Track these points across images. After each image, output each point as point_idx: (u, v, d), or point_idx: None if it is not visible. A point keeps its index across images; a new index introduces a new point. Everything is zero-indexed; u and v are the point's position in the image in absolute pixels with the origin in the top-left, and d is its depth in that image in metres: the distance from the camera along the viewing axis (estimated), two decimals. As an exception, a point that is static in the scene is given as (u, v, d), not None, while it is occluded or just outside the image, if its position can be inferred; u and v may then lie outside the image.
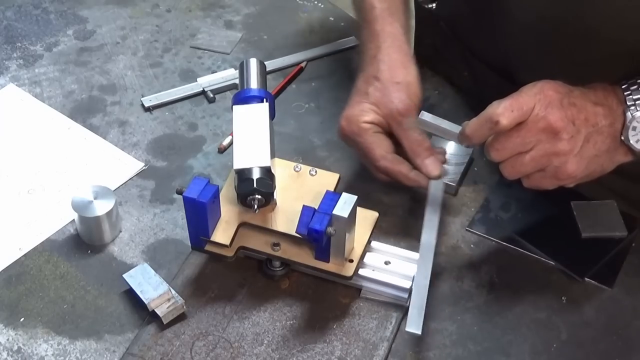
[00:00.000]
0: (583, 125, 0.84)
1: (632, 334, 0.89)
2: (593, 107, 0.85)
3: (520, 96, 0.84)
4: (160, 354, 0.86)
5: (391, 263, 0.91)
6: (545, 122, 0.83)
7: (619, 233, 0.95)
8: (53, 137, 1.08)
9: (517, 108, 0.83)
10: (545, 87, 0.84)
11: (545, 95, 0.83)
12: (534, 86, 0.84)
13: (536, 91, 0.83)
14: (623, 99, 0.85)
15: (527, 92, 0.84)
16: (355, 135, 0.95)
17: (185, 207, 0.86)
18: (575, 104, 0.84)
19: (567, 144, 0.83)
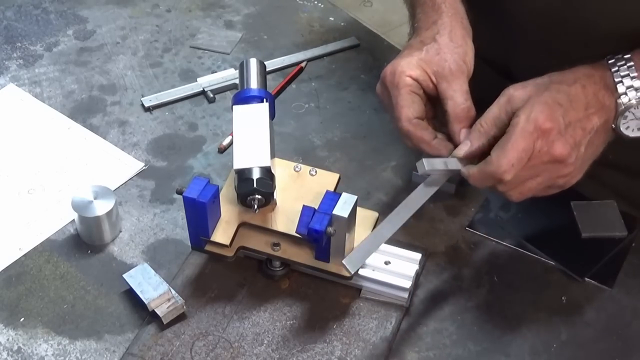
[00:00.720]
0: (582, 138, 0.83)
1: (632, 334, 0.89)
2: (586, 113, 0.83)
3: (517, 142, 0.81)
4: (160, 354, 0.86)
5: (391, 263, 0.90)
6: (549, 156, 0.82)
7: (619, 233, 0.95)
8: (53, 137, 1.08)
9: (518, 159, 0.81)
10: (539, 121, 0.81)
11: (543, 130, 0.81)
12: (527, 122, 0.81)
13: (531, 130, 0.81)
14: (613, 86, 0.84)
15: (522, 135, 0.81)
16: (394, 86, 0.91)
17: (185, 207, 0.86)
18: (571, 123, 0.83)
19: (572, 165, 0.83)
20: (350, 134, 1.09)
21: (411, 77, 0.91)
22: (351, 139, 1.08)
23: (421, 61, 0.91)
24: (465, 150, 0.87)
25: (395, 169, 1.04)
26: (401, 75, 0.91)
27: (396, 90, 0.91)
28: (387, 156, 1.06)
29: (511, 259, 0.95)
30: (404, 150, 1.06)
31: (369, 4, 1.94)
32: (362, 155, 1.06)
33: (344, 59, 1.20)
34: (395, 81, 0.91)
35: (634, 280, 0.93)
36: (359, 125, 1.10)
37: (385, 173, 1.04)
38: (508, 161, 0.81)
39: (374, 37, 1.23)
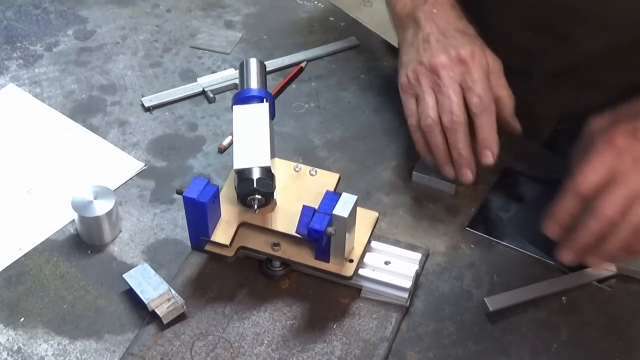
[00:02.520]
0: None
1: (632, 334, 0.89)
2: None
3: (591, 158, 0.82)
4: (160, 354, 0.86)
5: (391, 263, 0.90)
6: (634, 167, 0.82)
7: (619, 233, 0.95)
8: (53, 137, 1.08)
9: (593, 171, 0.82)
10: (614, 140, 0.82)
11: (617, 147, 0.82)
12: (602, 142, 0.82)
13: (605, 147, 0.82)
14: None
15: (597, 152, 0.82)
16: (464, 72, 0.91)
17: (185, 207, 0.86)
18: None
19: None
20: (350, 134, 1.09)
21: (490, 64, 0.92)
22: (351, 139, 1.08)
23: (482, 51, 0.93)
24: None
25: (395, 169, 1.04)
26: (484, 58, 0.91)
27: (470, 73, 0.92)
28: (387, 156, 1.06)
29: (511, 259, 0.95)
30: (404, 150, 1.06)
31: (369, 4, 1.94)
32: (362, 155, 1.06)
33: (344, 59, 1.20)
34: (477, 66, 0.91)
35: (634, 281, 0.93)
36: (359, 125, 1.10)
37: (385, 173, 1.04)
38: (583, 174, 0.82)
39: (374, 37, 1.23)
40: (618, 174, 0.81)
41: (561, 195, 0.84)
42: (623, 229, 0.81)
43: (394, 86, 1.15)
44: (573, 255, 0.84)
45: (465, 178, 0.94)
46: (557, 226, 0.85)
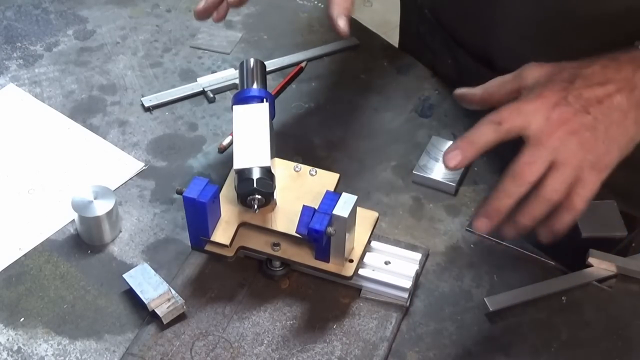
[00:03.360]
0: (594, 107, 0.79)
1: (632, 334, 0.89)
2: (602, 87, 0.80)
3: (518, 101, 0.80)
4: (160, 354, 0.86)
5: (391, 263, 0.90)
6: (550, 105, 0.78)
7: (619, 233, 0.95)
8: (53, 137, 1.08)
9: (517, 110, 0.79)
10: (542, 94, 0.79)
11: (544, 96, 0.79)
12: (531, 93, 0.80)
13: (534, 97, 0.79)
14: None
15: (526, 98, 0.80)
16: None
17: (185, 207, 0.86)
18: (577, 89, 0.80)
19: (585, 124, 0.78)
20: (350, 134, 1.09)
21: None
22: (351, 139, 1.08)
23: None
24: (463, 90, 0.88)
25: (395, 169, 1.04)
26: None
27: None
28: (387, 156, 1.06)
29: (511, 259, 0.95)
30: (404, 150, 1.06)
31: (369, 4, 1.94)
32: (362, 155, 1.06)
33: (344, 59, 1.20)
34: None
35: (634, 281, 0.93)
36: (359, 125, 1.10)
37: (385, 173, 1.04)
38: (508, 108, 0.80)
39: (374, 37, 1.23)
40: (541, 132, 0.78)
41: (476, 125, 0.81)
42: (537, 200, 0.78)
43: (394, 86, 1.15)
44: (489, 224, 0.79)
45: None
46: (459, 154, 0.80)
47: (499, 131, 0.79)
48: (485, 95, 0.87)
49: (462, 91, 0.89)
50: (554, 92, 0.80)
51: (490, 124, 0.79)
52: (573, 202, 0.78)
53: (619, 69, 0.81)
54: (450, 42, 1.12)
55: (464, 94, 0.89)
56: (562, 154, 0.78)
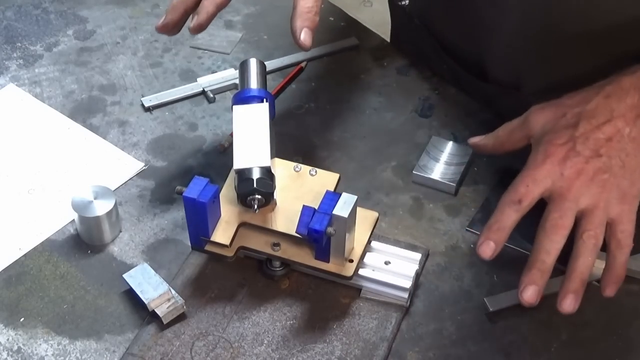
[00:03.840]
0: (602, 146, 0.80)
1: (632, 334, 0.89)
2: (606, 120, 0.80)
3: (529, 168, 0.81)
4: (160, 354, 0.86)
5: (391, 263, 0.90)
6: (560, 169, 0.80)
7: (619, 233, 0.95)
8: (53, 137, 1.08)
9: (532, 180, 0.81)
10: (548, 151, 0.80)
11: (550, 154, 0.80)
12: (538, 154, 0.81)
13: (542, 159, 0.80)
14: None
15: (534, 163, 0.81)
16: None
17: (185, 207, 0.86)
18: (582, 135, 0.80)
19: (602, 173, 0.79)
20: (350, 134, 1.09)
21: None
22: (351, 139, 1.08)
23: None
24: (475, 140, 0.91)
25: (395, 169, 1.04)
26: None
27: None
28: (387, 156, 1.06)
29: (511, 259, 0.95)
30: (404, 150, 1.06)
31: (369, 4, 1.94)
32: (362, 155, 1.06)
33: (344, 59, 1.20)
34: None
35: (634, 281, 0.93)
36: (359, 125, 1.10)
37: (385, 173, 1.04)
38: (523, 182, 0.81)
39: (374, 37, 1.23)
40: (560, 190, 0.80)
41: (497, 208, 0.82)
42: (582, 249, 0.80)
43: (394, 86, 1.15)
44: (538, 289, 0.81)
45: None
46: (493, 245, 0.82)
47: (521, 210, 0.81)
48: (497, 145, 0.90)
49: (475, 141, 0.93)
50: (560, 146, 0.81)
51: (511, 205, 0.81)
52: (620, 241, 0.80)
53: (622, 97, 0.81)
54: (441, 51, 1.13)
55: (477, 144, 0.93)
56: (586, 201, 0.80)
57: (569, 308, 0.82)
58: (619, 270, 0.82)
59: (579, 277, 0.81)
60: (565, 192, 0.80)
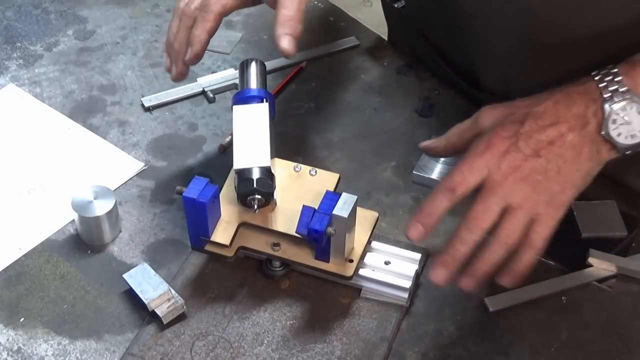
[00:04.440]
0: (543, 148, 0.80)
1: (632, 334, 0.89)
2: (552, 125, 0.80)
3: (467, 157, 0.81)
4: (160, 354, 0.86)
5: (391, 263, 0.91)
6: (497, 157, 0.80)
7: (619, 233, 0.95)
8: (53, 137, 1.08)
9: (469, 169, 0.80)
10: (490, 140, 0.80)
11: (491, 144, 0.80)
12: (480, 142, 0.81)
13: (483, 147, 0.80)
14: (598, 94, 0.80)
15: (474, 152, 0.81)
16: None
17: (185, 207, 0.86)
18: (526, 133, 0.80)
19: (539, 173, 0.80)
20: (350, 134, 1.09)
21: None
22: (351, 139, 1.08)
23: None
24: (427, 143, 0.92)
25: (395, 169, 1.04)
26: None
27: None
28: (387, 156, 1.06)
29: (511, 259, 0.95)
30: (404, 150, 1.06)
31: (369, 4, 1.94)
32: (362, 155, 1.06)
33: (344, 59, 1.20)
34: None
35: (634, 280, 0.93)
36: (359, 125, 1.10)
37: (385, 173, 1.04)
38: (459, 170, 0.81)
39: (374, 37, 1.23)
40: (493, 182, 0.80)
41: (431, 193, 0.81)
42: (494, 244, 0.80)
43: (394, 86, 1.15)
44: (446, 273, 0.81)
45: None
46: (422, 228, 0.82)
47: (454, 199, 0.81)
48: (449, 146, 0.90)
49: (426, 144, 0.93)
50: (503, 138, 0.81)
51: (445, 192, 0.81)
52: (532, 241, 0.80)
53: (570, 105, 0.81)
54: (437, 57, 1.13)
55: (428, 147, 0.93)
56: (515, 198, 0.79)
57: (438, 278, 0.81)
58: (521, 268, 0.81)
59: (480, 269, 0.81)
60: (497, 187, 0.79)
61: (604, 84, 0.81)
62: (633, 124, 0.80)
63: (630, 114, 0.79)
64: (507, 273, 0.82)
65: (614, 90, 0.80)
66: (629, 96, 0.79)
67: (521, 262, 0.81)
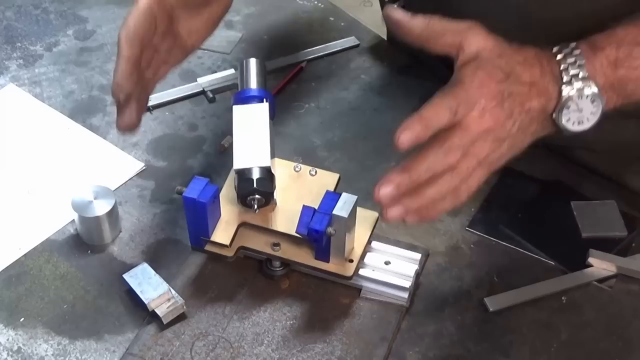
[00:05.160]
0: (518, 115, 0.79)
1: (632, 334, 0.89)
2: (529, 91, 0.79)
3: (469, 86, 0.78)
4: (160, 354, 0.86)
5: (391, 263, 0.90)
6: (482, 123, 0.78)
7: (619, 233, 0.95)
8: (53, 137, 1.08)
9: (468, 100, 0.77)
10: (485, 80, 0.78)
11: (489, 89, 0.77)
12: (475, 75, 0.78)
13: (478, 83, 0.77)
14: (559, 74, 0.80)
15: (471, 83, 0.77)
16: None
17: (185, 207, 0.86)
18: (512, 94, 0.78)
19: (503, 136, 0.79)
20: (350, 134, 1.09)
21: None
22: (351, 139, 1.08)
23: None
24: (400, 16, 0.84)
25: (395, 169, 1.04)
26: None
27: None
28: (387, 156, 1.06)
29: (511, 259, 0.95)
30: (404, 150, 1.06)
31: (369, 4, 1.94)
32: (362, 155, 1.06)
33: (344, 59, 1.20)
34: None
35: (634, 281, 0.93)
36: (359, 125, 1.10)
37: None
38: (463, 96, 0.77)
39: (374, 37, 1.23)
40: (471, 123, 0.77)
41: (433, 104, 0.77)
42: (447, 176, 0.78)
43: (394, 86, 1.15)
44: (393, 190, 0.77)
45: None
46: (414, 136, 0.76)
47: (452, 121, 0.77)
48: (423, 36, 0.83)
49: (398, 17, 0.84)
50: (494, 84, 0.78)
51: (447, 110, 0.77)
52: (460, 192, 0.79)
53: (543, 74, 0.80)
54: (436, 59, 1.13)
55: (399, 20, 0.83)
56: (476, 149, 0.78)
57: (393, 215, 0.78)
58: (433, 214, 0.79)
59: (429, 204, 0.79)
60: (474, 128, 0.77)
61: (566, 65, 0.80)
62: (584, 111, 0.79)
63: (583, 101, 0.79)
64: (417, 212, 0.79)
65: (575, 75, 0.79)
66: (587, 83, 0.79)
67: (439, 208, 0.79)
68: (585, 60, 0.79)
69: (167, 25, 0.90)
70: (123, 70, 0.88)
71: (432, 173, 0.77)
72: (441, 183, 0.78)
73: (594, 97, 0.79)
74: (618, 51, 0.80)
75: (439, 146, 0.77)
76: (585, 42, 0.81)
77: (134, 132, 0.92)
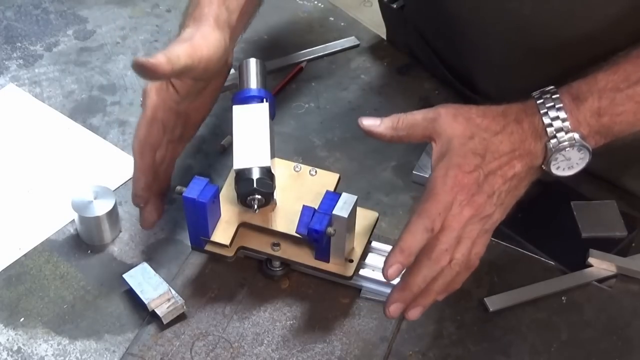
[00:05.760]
0: (502, 185, 0.81)
1: (632, 334, 0.89)
2: (509, 159, 0.81)
3: (440, 195, 0.79)
4: (160, 354, 0.86)
5: (391, 263, 0.90)
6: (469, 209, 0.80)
7: (619, 233, 0.95)
8: (53, 137, 1.08)
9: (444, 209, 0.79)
10: (457, 177, 0.79)
11: (462, 185, 0.79)
12: (447, 177, 0.79)
13: (451, 185, 0.79)
14: (542, 130, 0.80)
15: (444, 189, 0.79)
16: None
17: (185, 207, 0.86)
18: (491, 172, 0.80)
19: (490, 211, 0.81)
20: (350, 134, 1.09)
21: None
22: (351, 139, 1.08)
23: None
24: (369, 124, 0.84)
25: (395, 169, 1.04)
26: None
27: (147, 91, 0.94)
28: (387, 156, 1.06)
29: (511, 259, 0.95)
30: (404, 150, 1.06)
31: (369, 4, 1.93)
32: (362, 155, 1.06)
33: (344, 59, 1.20)
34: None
35: (634, 281, 0.93)
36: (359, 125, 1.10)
37: (385, 173, 1.04)
38: (436, 209, 0.78)
39: (374, 37, 1.23)
40: (453, 221, 0.79)
41: (409, 229, 0.79)
42: (447, 270, 0.80)
43: (394, 86, 1.15)
44: (403, 307, 0.81)
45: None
46: (401, 267, 0.79)
47: (432, 235, 0.79)
48: (395, 138, 0.84)
49: (368, 125, 0.84)
50: (468, 174, 0.79)
51: (424, 232, 0.78)
52: (471, 262, 0.82)
53: (523, 138, 0.81)
54: (435, 59, 1.13)
55: (371, 131, 0.84)
56: (466, 233, 0.80)
57: (414, 316, 0.82)
58: (458, 285, 0.83)
59: (430, 295, 0.81)
60: (456, 224, 0.79)
61: (549, 120, 0.80)
62: (572, 159, 0.81)
63: (569, 152, 0.80)
64: (444, 292, 0.82)
65: (559, 129, 0.80)
66: (571, 135, 0.80)
67: (459, 281, 0.82)
68: (569, 114, 0.80)
69: (175, 120, 0.93)
70: (141, 183, 0.91)
71: (430, 279, 0.80)
72: (444, 276, 0.81)
73: (580, 146, 0.80)
74: (600, 101, 0.80)
75: (428, 258, 0.79)
76: (567, 92, 0.81)
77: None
